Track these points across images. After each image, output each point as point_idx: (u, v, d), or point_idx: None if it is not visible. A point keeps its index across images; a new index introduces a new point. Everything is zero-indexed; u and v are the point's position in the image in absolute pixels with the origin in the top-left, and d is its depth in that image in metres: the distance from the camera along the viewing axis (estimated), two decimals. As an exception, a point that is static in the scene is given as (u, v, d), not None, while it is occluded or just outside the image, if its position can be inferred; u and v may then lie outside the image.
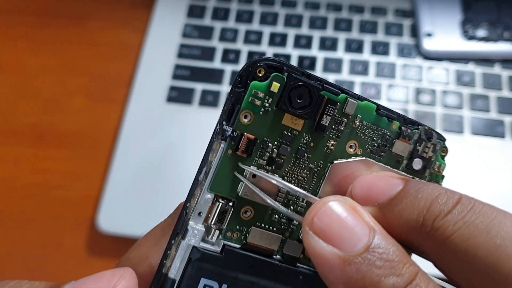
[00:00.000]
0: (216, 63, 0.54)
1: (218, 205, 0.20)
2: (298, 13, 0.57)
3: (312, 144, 0.20)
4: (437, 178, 0.23)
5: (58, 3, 0.59)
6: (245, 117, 0.19)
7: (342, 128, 0.21)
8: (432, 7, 0.56)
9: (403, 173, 0.22)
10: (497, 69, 0.53)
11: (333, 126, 0.21)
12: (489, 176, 0.48)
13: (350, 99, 0.20)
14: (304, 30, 0.56)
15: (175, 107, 0.51)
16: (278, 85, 0.19)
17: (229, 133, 0.19)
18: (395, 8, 0.58)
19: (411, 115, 0.50)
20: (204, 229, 0.19)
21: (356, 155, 0.21)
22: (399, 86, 0.52)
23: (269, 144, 0.20)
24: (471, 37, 0.54)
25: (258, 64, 0.19)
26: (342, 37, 0.56)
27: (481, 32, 0.54)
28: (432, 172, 0.23)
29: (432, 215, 0.17)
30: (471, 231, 0.17)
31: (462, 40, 0.54)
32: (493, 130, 0.50)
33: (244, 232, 0.20)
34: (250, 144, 0.19)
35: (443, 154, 0.23)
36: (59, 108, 0.52)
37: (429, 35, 0.54)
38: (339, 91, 0.20)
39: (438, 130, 0.49)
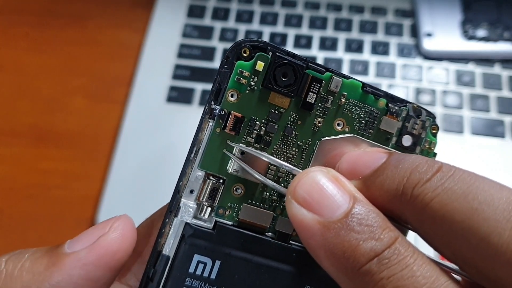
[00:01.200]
0: (216, 63, 0.54)
1: (209, 182, 0.20)
2: (298, 13, 0.57)
3: (299, 122, 0.21)
4: (429, 155, 0.23)
5: (58, 3, 0.59)
6: (232, 95, 0.20)
7: (328, 106, 0.21)
8: (432, 7, 0.56)
9: (390, 149, 0.22)
10: (497, 69, 0.53)
11: (320, 104, 0.21)
12: (489, 176, 0.47)
13: (335, 77, 0.21)
14: (304, 30, 0.56)
15: (175, 107, 0.51)
16: (263, 64, 0.20)
17: (217, 111, 0.20)
18: (395, 8, 0.58)
19: (411, 115, 0.50)
20: (196, 206, 0.20)
21: (344, 132, 0.22)
22: (399, 86, 0.52)
23: (257, 122, 0.20)
24: (471, 37, 0.54)
25: (243, 45, 0.20)
26: (342, 37, 0.56)
27: (481, 32, 0.54)
28: (423, 149, 0.23)
29: (411, 183, 0.17)
30: (449, 196, 0.17)
31: (462, 40, 0.54)
32: (493, 130, 0.50)
33: (236, 209, 0.21)
34: (238, 122, 0.20)
35: (434, 131, 0.23)
36: (59, 108, 0.52)
37: (429, 35, 0.54)
38: (324, 70, 0.21)
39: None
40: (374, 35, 0.56)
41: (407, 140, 0.22)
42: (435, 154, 0.23)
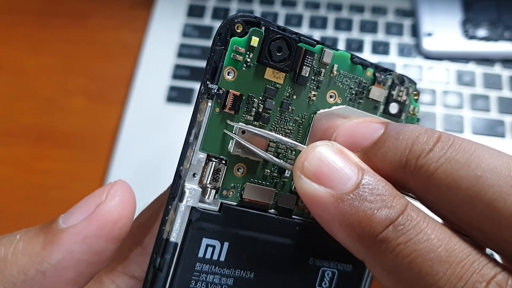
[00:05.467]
0: (216, 63, 0.53)
1: (212, 164, 0.20)
2: (298, 13, 0.57)
3: (295, 97, 0.21)
4: (413, 120, 0.24)
5: (58, 3, 0.59)
6: (229, 73, 0.20)
7: (321, 78, 0.21)
8: (432, 6, 0.56)
9: (381, 118, 0.22)
10: (497, 69, 0.53)
11: (313, 77, 0.21)
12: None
13: (326, 49, 0.21)
14: (304, 29, 0.56)
15: (175, 107, 0.51)
16: (257, 39, 0.20)
17: (215, 91, 0.19)
18: (395, 7, 0.58)
19: (411, 115, 0.50)
20: (200, 190, 0.19)
21: (336, 104, 0.22)
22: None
23: (255, 99, 0.20)
24: (472, 37, 0.54)
25: (236, 21, 0.19)
26: (342, 36, 0.55)
27: (481, 32, 0.54)
28: (407, 115, 0.24)
29: (414, 155, 0.18)
30: (453, 165, 0.17)
31: (463, 40, 0.54)
32: (494, 130, 0.50)
33: (239, 188, 0.21)
34: (237, 100, 0.20)
35: (416, 97, 0.24)
36: (59, 108, 0.52)
37: (429, 34, 0.54)
38: (315, 42, 0.21)
39: (439, 129, 0.49)
40: (374, 35, 0.56)
41: (393, 108, 0.23)
42: (418, 120, 0.24)
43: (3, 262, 0.17)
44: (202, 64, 0.53)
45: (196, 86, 0.52)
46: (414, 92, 0.24)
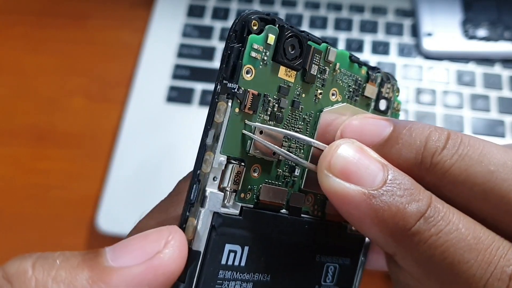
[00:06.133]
0: (216, 63, 0.53)
1: (233, 166, 0.19)
2: (298, 13, 0.57)
3: (303, 95, 0.21)
4: (396, 116, 0.25)
5: (57, 3, 0.59)
6: (247, 72, 0.19)
7: (325, 77, 0.21)
8: (432, 6, 0.56)
9: (376, 115, 0.23)
10: (497, 69, 0.53)
11: (319, 75, 0.21)
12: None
13: (331, 48, 0.21)
14: (304, 29, 0.56)
15: (175, 107, 0.51)
16: (274, 36, 0.19)
17: (235, 90, 0.19)
18: (395, 7, 0.58)
19: (411, 115, 0.50)
20: (222, 194, 0.19)
21: (337, 102, 0.22)
22: (399, 86, 0.52)
23: (269, 98, 0.20)
24: (472, 37, 0.54)
25: (252, 17, 0.19)
26: (342, 36, 0.55)
27: (481, 32, 0.54)
28: (392, 111, 0.24)
29: (429, 152, 0.19)
30: (467, 162, 0.18)
31: (463, 40, 0.54)
32: (494, 130, 0.50)
33: (255, 190, 0.20)
34: (255, 100, 0.19)
35: (397, 94, 0.25)
36: (59, 108, 0.52)
37: (429, 34, 0.54)
38: (320, 41, 0.21)
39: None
40: (374, 35, 0.56)
41: (382, 104, 0.24)
42: (398, 115, 0.25)
43: (43, 287, 0.16)
44: (202, 64, 0.53)
45: (196, 86, 0.52)
46: (397, 89, 0.25)
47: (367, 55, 0.54)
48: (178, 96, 0.51)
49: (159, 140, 0.49)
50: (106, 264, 0.17)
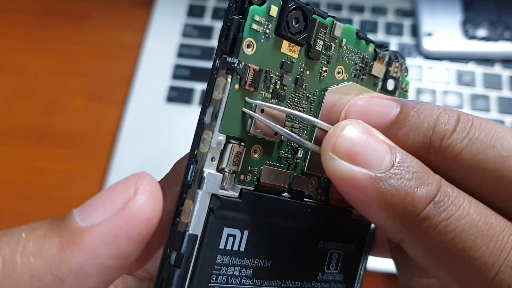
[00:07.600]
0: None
1: (232, 146, 0.18)
2: (298, 13, 0.57)
3: (307, 72, 0.20)
4: (404, 96, 0.24)
5: (57, 3, 0.59)
6: (248, 46, 0.18)
7: (331, 53, 0.20)
8: (432, 6, 0.56)
9: (383, 94, 0.22)
10: (497, 69, 0.53)
11: (324, 52, 0.20)
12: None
13: (337, 22, 0.20)
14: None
15: (175, 107, 0.51)
16: (277, 8, 0.18)
17: (235, 65, 0.17)
18: (395, 7, 0.58)
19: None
20: (221, 175, 0.18)
21: (343, 80, 0.21)
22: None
23: (272, 75, 0.19)
24: (472, 37, 0.54)
25: None
26: (342, 37, 0.55)
27: (481, 32, 0.54)
28: (400, 92, 0.23)
29: (438, 136, 0.18)
30: (478, 146, 0.17)
31: (463, 40, 0.54)
32: (494, 130, 0.50)
33: (256, 172, 0.19)
34: (256, 76, 0.18)
35: (405, 74, 0.24)
36: (59, 108, 0.52)
37: (429, 34, 0.54)
38: (326, 15, 0.20)
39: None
40: (374, 35, 0.56)
41: (390, 84, 0.23)
42: (406, 95, 0.24)
43: (11, 265, 0.14)
44: (202, 64, 0.53)
45: (196, 86, 0.52)
46: (405, 69, 0.24)
47: (367, 55, 0.54)
48: (178, 96, 0.51)
49: (159, 140, 0.49)
50: (76, 226, 0.15)
